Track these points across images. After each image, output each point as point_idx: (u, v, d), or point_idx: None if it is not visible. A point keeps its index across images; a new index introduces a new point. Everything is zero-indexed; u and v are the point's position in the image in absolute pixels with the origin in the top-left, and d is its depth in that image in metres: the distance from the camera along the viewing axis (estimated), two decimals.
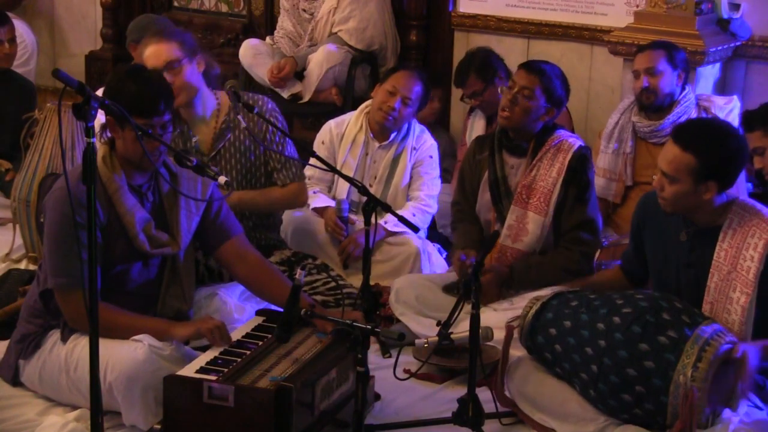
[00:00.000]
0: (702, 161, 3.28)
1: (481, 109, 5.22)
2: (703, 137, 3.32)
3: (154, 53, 4.07)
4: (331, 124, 4.85)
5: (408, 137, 4.78)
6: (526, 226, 4.09)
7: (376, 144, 4.77)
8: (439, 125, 5.69)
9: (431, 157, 4.80)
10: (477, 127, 5.22)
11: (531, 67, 4.12)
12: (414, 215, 4.63)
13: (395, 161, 4.77)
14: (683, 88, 4.62)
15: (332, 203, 4.69)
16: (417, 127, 4.83)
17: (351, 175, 4.67)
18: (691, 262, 3.44)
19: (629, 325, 3.23)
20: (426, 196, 4.74)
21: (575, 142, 4.12)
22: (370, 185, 4.76)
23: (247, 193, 4.27)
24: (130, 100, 3.25)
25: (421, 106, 4.75)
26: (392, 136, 4.76)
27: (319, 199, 4.73)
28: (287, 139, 4.26)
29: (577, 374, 3.35)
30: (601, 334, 3.28)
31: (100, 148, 3.43)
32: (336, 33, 5.80)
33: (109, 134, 3.48)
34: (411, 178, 4.77)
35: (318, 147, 4.80)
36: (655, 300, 3.30)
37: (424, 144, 4.81)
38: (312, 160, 3.97)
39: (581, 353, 3.32)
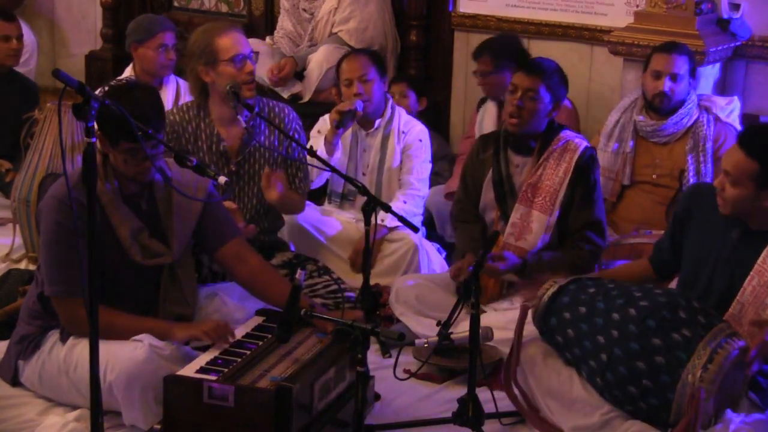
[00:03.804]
0: (765, 169, 3.26)
1: (491, 98, 5.19)
2: None
3: (241, 40, 4.13)
4: (326, 116, 4.90)
5: (393, 121, 4.84)
6: (530, 224, 4.09)
7: (364, 132, 4.84)
8: (431, 128, 5.68)
9: (421, 140, 4.85)
10: (489, 114, 5.19)
11: (530, 67, 4.13)
12: (405, 203, 4.69)
13: (384, 145, 4.82)
14: (689, 92, 4.62)
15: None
16: (404, 114, 4.90)
17: (344, 164, 4.79)
18: (732, 259, 3.41)
19: (644, 318, 3.22)
20: (415, 180, 4.79)
21: (581, 143, 4.12)
22: (364, 174, 4.83)
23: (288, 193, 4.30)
24: (119, 122, 3.07)
25: (382, 73, 4.81)
26: (377, 122, 4.82)
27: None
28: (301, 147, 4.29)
29: (585, 361, 3.35)
30: (615, 324, 3.27)
31: None
32: (336, 33, 5.80)
33: None
34: (401, 161, 4.82)
35: (314, 135, 4.85)
36: (673, 297, 3.29)
37: (413, 128, 4.86)
38: (312, 160, 3.99)
39: (593, 341, 3.32)
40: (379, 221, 4.49)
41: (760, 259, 3.35)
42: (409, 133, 4.84)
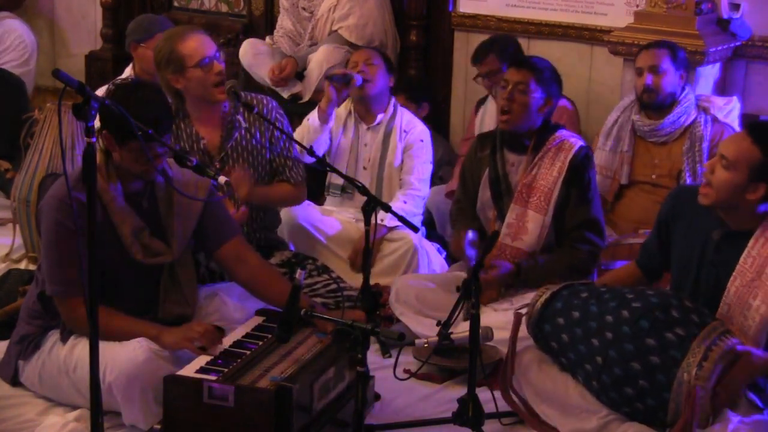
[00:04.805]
0: (766, 160, 3.27)
1: (493, 96, 5.19)
2: None
3: (204, 42, 4.10)
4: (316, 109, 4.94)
5: (396, 118, 4.88)
6: (525, 224, 4.09)
7: (365, 126, 4.88)
8: (436, 132, 5.68)
9: (422, 140, 4.88)
10: (490, 113, 5.18)
11: (521, 62, 4.16)
12: (405, 202, 4.71)
13: (385, 142, 4.85)
14: (683, 89, 4.63)
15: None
16: (406, 114, 4.93)
17: (345, 157, 4.85)
18: (715, 262, 3.42)
19: (637, 319, 3.23)
20: (416, 180, 4.81)
21: (576, 142, 4.12)
22: (364, 167, 4.86)
23: (259, 187, 4.27)
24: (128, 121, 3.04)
25: (389, 67, 4.89)
26: (379, 117, 4.86)
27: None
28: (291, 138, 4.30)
29: (581, 365, 3.35)
30: (609, 326, 3.27)
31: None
32: (336, 30, 5.80)
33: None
34: (402, 161, 4.83)
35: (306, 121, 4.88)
36: (665, 297, 3.29)
37: (414, 128, 4.89)
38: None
39: (587, 344, 3.32)
40: (378, 221, 4.50)
41: (741, 259, 3.35)
42: (411, 132, 4.87)
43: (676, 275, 3.58)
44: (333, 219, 4.82)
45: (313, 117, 4.75)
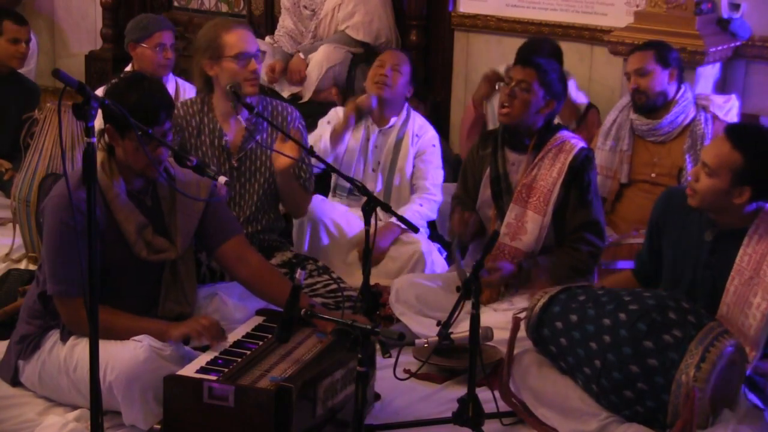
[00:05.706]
0: (747, 164, 3.27)
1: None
2: (758, 142, 3.31)
3: (247, 38, 4.13)
4: (338, 108, 4.96)
5: (408, 122, 4.87)
6: (524, 224, 4.09)
7: (377, 128, 4.86)
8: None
9: (434, 146, 4.88)
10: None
11: (527, 61, 4.15)
12: (421, 205, 4.72)
13: (397, 146, 4.85)
14: (678, 87, 4.62)
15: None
16: (418, 118, 4.93)
17: (354, 159, 4.83)
18: (710, 264, 3.42)
19: (635, 322, 3.23)
20: (431, 185, 4.82)
21: (577, 143, 4.12)
22: (373, 170, 4.86)
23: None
24: (130, 110, 3.09)
25: (413, 77, 4.87)
26: (392, 120, 4.85)
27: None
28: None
29: (580, 369, 3.35)
30: (607, 329, 3.28)
31: (98, 154, 3.42)
32: (343, 30, 5.80)
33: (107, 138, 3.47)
34: (414, 167, 4.84)
35: (322, 124, 4.89)
36: (662, 299, 3.29)
37: (426, 134, 4.89)
38: (313, 160, 3.99)
39: (585, 348, 3.32)
40: (394, 220, 4.50)
41: (737, 258, 3.35)
42: (423, 137, 4.87)
43: (669, 278, 3.58)
44: (354, 216, 4.77)
45: (324, 141, 4.72)
